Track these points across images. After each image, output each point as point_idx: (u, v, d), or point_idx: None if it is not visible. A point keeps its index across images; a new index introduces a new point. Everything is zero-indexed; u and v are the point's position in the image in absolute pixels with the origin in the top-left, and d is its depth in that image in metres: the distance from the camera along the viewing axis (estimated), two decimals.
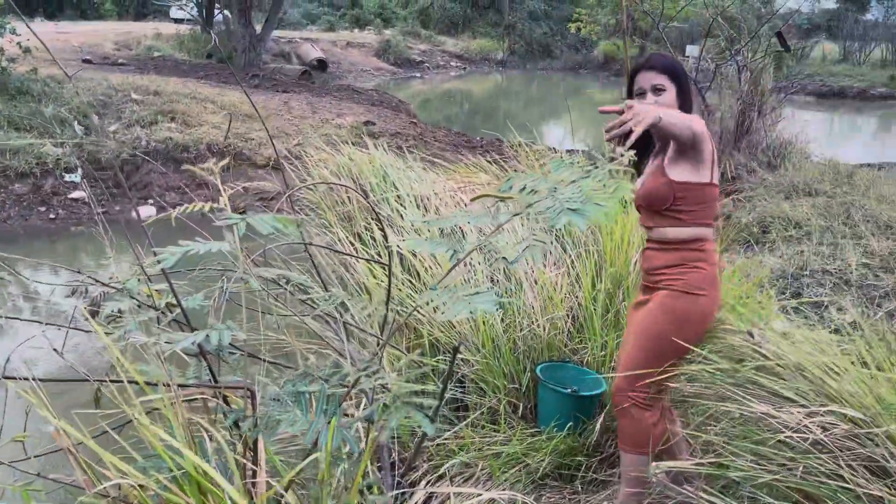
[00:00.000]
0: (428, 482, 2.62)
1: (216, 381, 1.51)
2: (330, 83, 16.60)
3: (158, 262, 1.32)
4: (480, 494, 1.56)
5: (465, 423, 2.83)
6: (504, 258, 1.35)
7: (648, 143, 2.44)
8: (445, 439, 2.80)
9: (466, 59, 29.34)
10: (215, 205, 1.41)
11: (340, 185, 2.82)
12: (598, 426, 2.74)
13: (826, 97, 20.50)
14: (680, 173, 2.27)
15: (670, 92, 2.31)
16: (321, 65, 20.07)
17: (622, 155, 1.57)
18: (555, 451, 2.73)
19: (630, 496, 2.42)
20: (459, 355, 2.99)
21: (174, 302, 1.65)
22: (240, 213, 1.37)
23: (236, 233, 1.33)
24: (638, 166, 2.49)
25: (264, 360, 1.68)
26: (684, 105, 2.34)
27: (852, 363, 2.22)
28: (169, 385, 1.27)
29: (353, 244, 3.22)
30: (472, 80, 26.19)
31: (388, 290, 2.07)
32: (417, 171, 3.89)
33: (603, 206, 1.41)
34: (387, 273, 1.89)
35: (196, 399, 1.54)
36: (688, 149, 2.22)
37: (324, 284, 2.08)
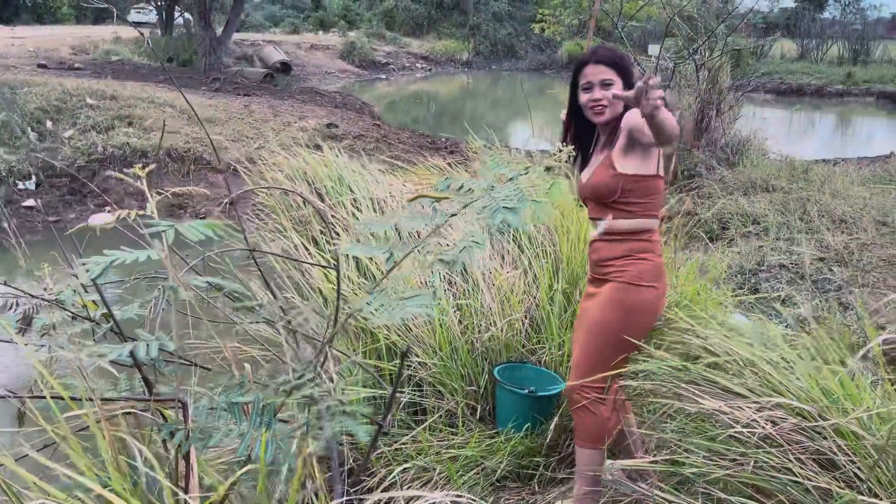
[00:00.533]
0: (383, 488, 2.59)
1: (151, 394, 1.46)
2: (293, 86, 16.46)
3: (87, 271, 1.27)
4: (423, 496, 1.53)
5: (422, 426, 2.81)
6: (441, 260, 1.33)
7: (591, 137, 2.45)
8: (403, 444, 2.77)
9: (432, 60, 29.34)
10: (142, 212, 1.37)
11: (288, 189, 2.77)
12: (553, 425, 2.74)
13: (785, 94, 20.89)
14: (628, 166, 2.28)
15: (617, 86, 2.30)
16: (285, 67, 19.90)
17: (560, 151, 1.57)
18: (513, 453, 2.72)
19: (586, 494, 2.42)
20: (417, 358, 2.96)
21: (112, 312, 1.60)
22: (200, 219, 1.33)
23: (165, 240, 1.29)
24: (584, 159, 2.49)
25: (194, 365, 1.64)
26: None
27: (801, 357, 2.24)
28: (93, 400, 1.23)
29: (307, 249, 3.18)
30: (438, 82, 26.19)
31: (338, 294, 2.04)
32: (375, 173, 3.86)
33: (539, 203, 1.41)
34: (337, 277, 1.87)
35: (133, 413, 1.49)
36: (645, 144, 2.22)
37: (272, 291, 2.04)
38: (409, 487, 2.62)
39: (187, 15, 20.10)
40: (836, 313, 4.13)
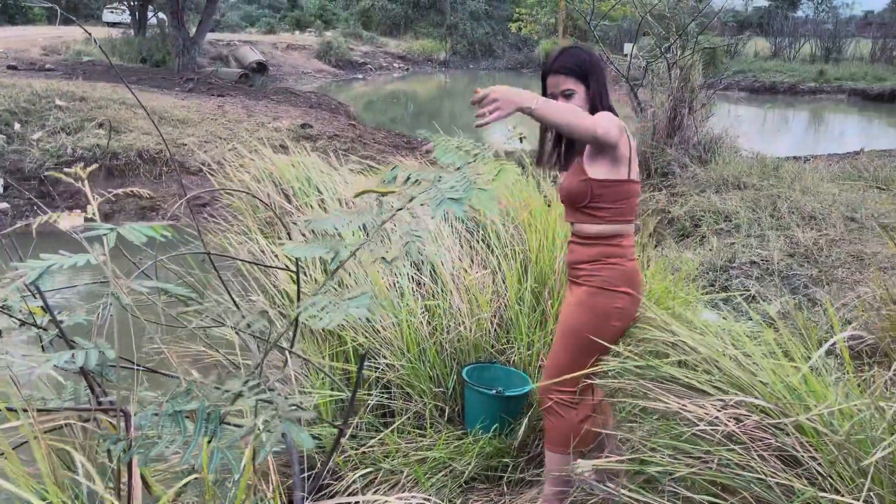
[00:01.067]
0: (350, 493, 2.56)
1: (99, 402, 1.42)
2: (268, 86, 16.32)
3: (21, 276, 1.23)
4: (385, 500, 1.51)
5: (390, 429, 2.78)
6: (383, 258, 1.31)
7: (571, 141, 2.44)
8: (371, 447, 2.74)
9: (409, 59, 29.29)
10: (84, 213, 1.33)
11: (244, 191, 2.72)
12: (523, 426, 2.72)
13: (758, 92, 21.10)
14: (598, 171, 2.26)
15: (579, 94, 2.28)
16: (260, 67, 19.73)
17: (519, 139, 1.56)
18: (481, 454, 2.70)
19: (554, 494, 2.41)
20: (384, 360, 2.94)
21: (61, 318, 1.56)
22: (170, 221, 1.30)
23: (106, 244, 1.25)
24: (567, 163, 2.47)
25: (139, 369, 1.60)
26: (600, 99, 2.31)
27: (764, 356, 2.24)
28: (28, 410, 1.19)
29: (273, 251, 3.14)
30: (416, 81, 26.14)
31: (298, 295, 2.00)
32: (344, 173, 3.82)
33: (486, 191, 1.38)
34: (297, 279, 1.83)
35: (80, 423, 1.45)
36: (596, 146, 2.21)
37: (229, 293, 2.01)
38: (376, 491, 2.60)
39: (161, 15, 19.89)
40: (804, 309, 4.17)
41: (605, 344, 2.28)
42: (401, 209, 1.46)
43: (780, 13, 30.92)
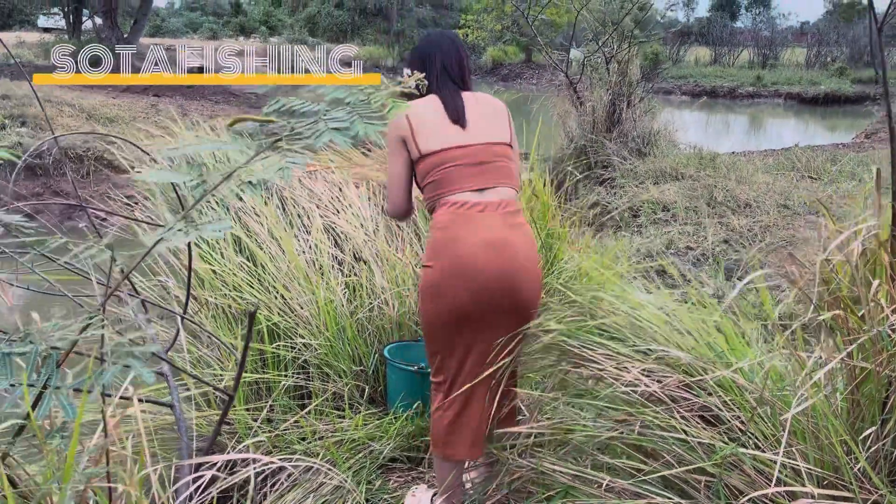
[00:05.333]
0: (263, 477, 2.40)
1: None
2: (207, 89, 15.96)
3: None
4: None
5: (305, 411, 2.63)
6: (249, 182, 1.18)
7: None
8: (285, 430, 2.58)
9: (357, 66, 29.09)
10: None
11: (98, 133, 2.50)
12: None
13: (699, 96, 21.57)
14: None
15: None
16: (199, 71, 19.29)
17: (412, 78, 1.44)
18: (402, 434, 2.57)
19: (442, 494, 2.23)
20: (301, 339, 2.78)
21: None
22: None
23: None
24: None
25: None
26: (432, 82, 2.19)
27: (689, 315, 2.18)
28: None
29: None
30: None
31: (189, 268, 1.88)
32: (274, 157, 3.64)
33: (373, 125, 1.28)
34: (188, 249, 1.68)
35: None
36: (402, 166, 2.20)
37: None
38: (290, 475, 2.45)
39: (97, 19, 19.34)
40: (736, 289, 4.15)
41: (444, 322, 2.06)
42: (279, 139, 1.33)
43: (720, 23, 31.73)
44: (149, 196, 3.63)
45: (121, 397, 1.55)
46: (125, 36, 15.20)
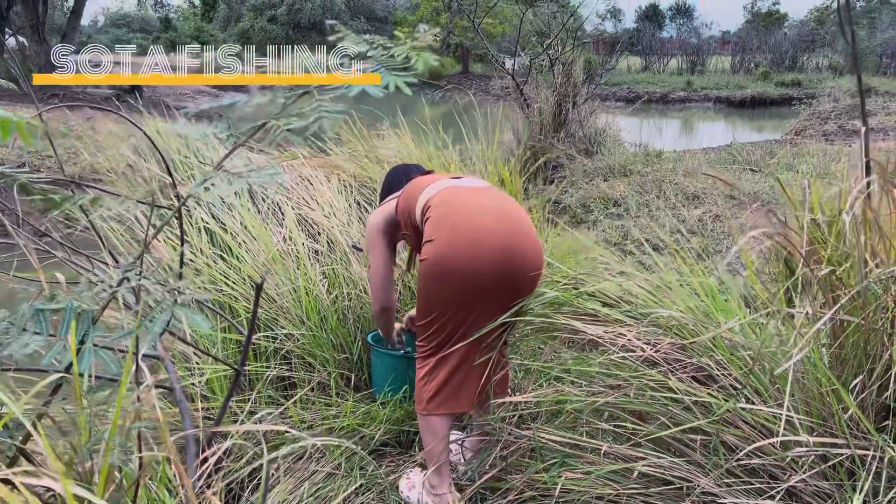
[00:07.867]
0: (254, 469, 2.35)
1: None
2: (141, 104, 15.55)
3: None
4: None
5: (291, 401, 2.58)
6: (288, 130, 1.17)
7: None
8: (273, 421, 2.53)
9: None
10: None
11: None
12: None
13: (633, 102, 22.16)
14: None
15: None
16: (134, 87, 18.77)
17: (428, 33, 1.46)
18: (390, 419, 2.55)
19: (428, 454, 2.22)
20: (283, 330, 2.74)
21: None
22: None
23: None
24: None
25: None
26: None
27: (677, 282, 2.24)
28: None
29: (153, 225, 2.88)
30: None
31: (181, 239, 1.84)
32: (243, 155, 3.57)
33: (399, 76, 1.29)
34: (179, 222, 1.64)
35: None
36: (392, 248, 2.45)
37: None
38: (278, 466, 2.40)
39: (21, 38, 18.64)
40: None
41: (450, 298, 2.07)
42: (306, 92, 1.34)
43: (648, 32, 32.77)
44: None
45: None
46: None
